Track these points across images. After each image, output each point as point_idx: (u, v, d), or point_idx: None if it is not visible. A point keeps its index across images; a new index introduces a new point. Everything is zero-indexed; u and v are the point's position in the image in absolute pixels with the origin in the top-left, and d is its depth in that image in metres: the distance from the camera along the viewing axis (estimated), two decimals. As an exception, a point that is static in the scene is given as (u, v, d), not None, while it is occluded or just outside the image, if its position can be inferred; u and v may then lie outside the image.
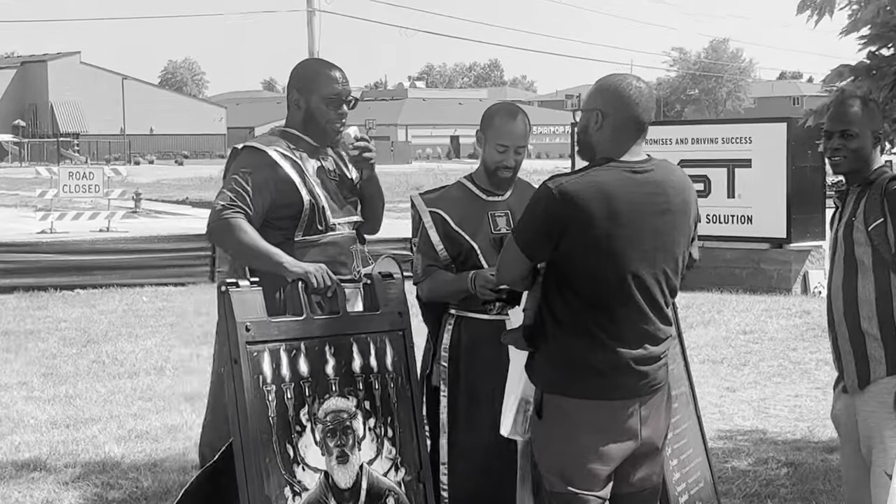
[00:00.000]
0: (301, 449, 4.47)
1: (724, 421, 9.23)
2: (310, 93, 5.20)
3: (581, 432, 4.26)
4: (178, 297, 17.08)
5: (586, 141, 4.37)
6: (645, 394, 4.33)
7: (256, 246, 4.92)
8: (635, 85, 4.33)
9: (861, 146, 4.94)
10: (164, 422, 9.14)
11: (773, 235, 18.08)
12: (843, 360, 4.99)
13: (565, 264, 4.23)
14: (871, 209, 4.86)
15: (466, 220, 5.28)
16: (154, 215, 34.91)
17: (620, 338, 4.25)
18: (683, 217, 4.36)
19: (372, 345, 4.77)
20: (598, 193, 4.17)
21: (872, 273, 4.85)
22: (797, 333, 13.43)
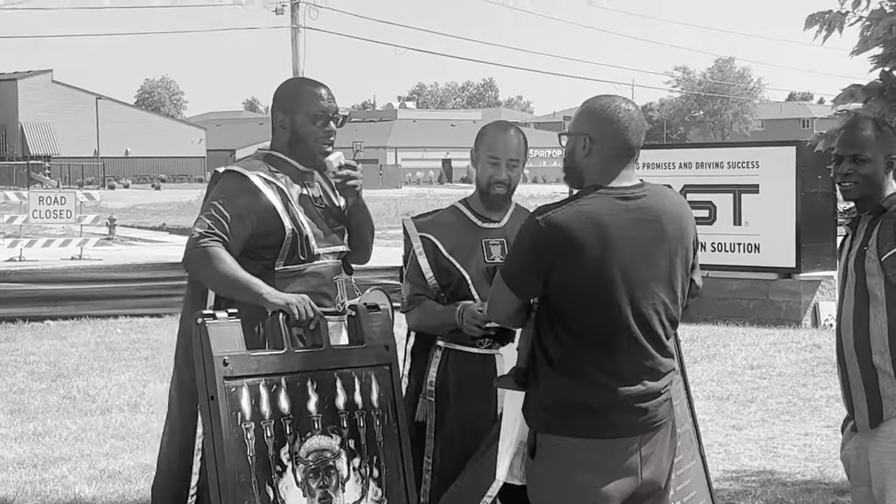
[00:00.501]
0: (281, 490, 4.46)
1: (729, 461, 9.22)
2: (294, 112, 5.19)
3: (577, 472, 4.25)
4: (154, 328, 17.03)
5: (574, 167, 4.37)
6: (645, 431, 4.31)
7: (235, 276, 4.90)
8: (623, 107, 4.32)
9: (873, 172, 4.94)
10: (137, 461, 9.10)
11: (781, 265, 18.09)
12: (853, 397, 4.99)
13: (557, 299, 4.22)
14: (884, 238, 4.85)
15: (459, 247, 5.28)
16: (129, 242, 34.89)
17: (618, 375, 4.24)
18: (680, 244, 4.35)
19: (357, 380, 4.76)
20: (587, 223, 4.17)
21: (885, 305, 4.85)
22: (807, 368, 13.42)
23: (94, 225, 32.49)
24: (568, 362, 4.23)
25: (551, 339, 4.25)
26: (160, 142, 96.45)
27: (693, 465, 5.88)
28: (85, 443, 9.79)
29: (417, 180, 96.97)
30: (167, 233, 40.56)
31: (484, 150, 5.32)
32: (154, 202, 57.64)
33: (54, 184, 68.08)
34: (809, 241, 17.84)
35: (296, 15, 47.83)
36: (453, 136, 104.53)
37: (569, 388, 4.23)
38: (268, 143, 5.39)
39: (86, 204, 31.19)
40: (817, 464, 9.11)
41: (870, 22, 6.91)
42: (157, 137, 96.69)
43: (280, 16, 49.20)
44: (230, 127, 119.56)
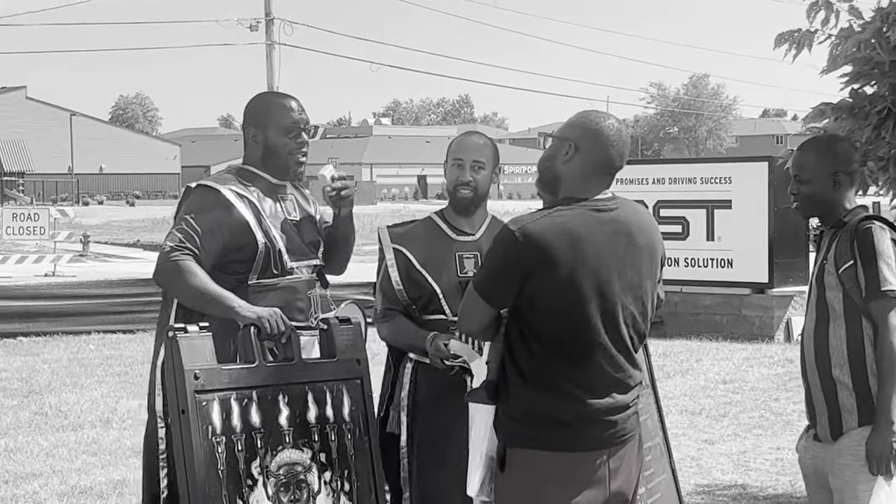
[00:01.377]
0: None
1: (702, 475, 9.25)
2: (266, 126, 5.21)
3: (547, 485, 4.26)
4: (127, 344, 16.99)
5: (551, 170, 4.36)
6: (614, 444, 4.33)
7: (207, 289, 4.90)
8: (615, 126, 4.35)
9: (813, 192, 5.03)
10: (109, 477, 9.08)
11: (754, 280, 18.16)
12: (815, 409, 5.04)
13: (529, 311, 4.23)
14: (841, 252, 4.91)
15: (432, 260, 5.29)
16: (103, 259, 34.77)
17: (588, 387, 4.26)
18: (649, 258, 4.38)
19: (328, 393, 4.77)
20: (562, 234, 4.18)
21: (843, 319, 4.90)
22: (779, 383, 13.47)
23: (67, 241, 32.40)
24: (540, 375, 4.23)
25: (523, 351, 4.26)
26: (135, 158, 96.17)
27: (664, 479, 5.91)
28: (57, 459, 9.76)
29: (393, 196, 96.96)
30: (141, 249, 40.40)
31: (450, 154, 5.36)
32: (128, 218, 57.48)
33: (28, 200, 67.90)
34: (782, 257, 17.92)
35: (271, 31, 47.80)
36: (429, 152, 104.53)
37: (540, 401, 4.24)
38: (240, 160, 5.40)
39: (60, 220, 31.13)
40: (789, 478, 9.14)
41: (838, 40, 6.96)
42: (131, 154, 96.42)
43: (255, 32, 49.19)
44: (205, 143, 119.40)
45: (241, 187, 5.13)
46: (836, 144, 5.14)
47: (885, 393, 4.79)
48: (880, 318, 4.82)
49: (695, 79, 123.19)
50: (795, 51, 7.11)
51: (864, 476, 4.83)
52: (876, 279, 4.82)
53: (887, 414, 4.78)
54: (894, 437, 4.78)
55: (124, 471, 9.30)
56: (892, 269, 4.82)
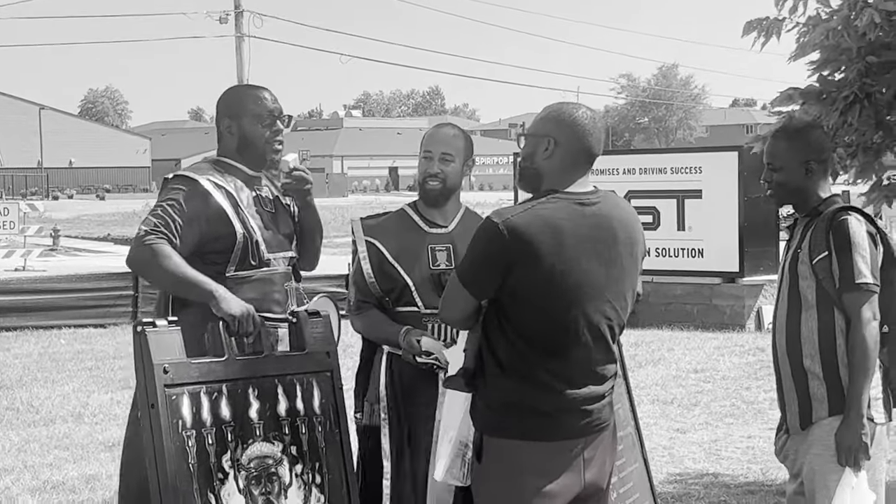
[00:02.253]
0: (224, 498, 4.46)
1: (673, 464, 9.27)
2: (240, 116, 5.18)
3: (524, 475, 4.27)
4: (99, 339, 16.94)
5: (532, 168, 4.38)
6: (589, 434, 4.35)
7: (185, 273, 4.84)
8: (589, 115, 4.37)
9: (786, 180, 5.03)
10: (81, 472, 9.05)
11: (725, 269, 18.21)
12: (786, 398, 5.05)
13: (510, 302, 4.24)
14: (816, 242, 4.91)
15: (404, 253, 5.28)
16: (73, 253, 34.63)
17: (565, 378, 4.27)
18: (632, 251, 4.39)
19: (298, 386, 4.76)
20: (545, 227, 4.19)
21: (816, 309, 4.91)
22: (750, 372, 13.52)
23: (37, 236, 32.24)
24: (518, 365, 4.25)
25: (502, 341, 4.27)
26: (104, 152, 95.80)
27: (636, 468, 5.93)
28: (28, 454, 9.72)
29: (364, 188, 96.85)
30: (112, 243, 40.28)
31: (421, 147, 5.36)
32: (99, 212, 57.26)
33: (-3, 195, 67.57)
34: (752, 246, 17.98)
35: (240, 24, 47.68)
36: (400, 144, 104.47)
37: (517, 391, 4.25)
38: (214, 153, 5.36)
39: (29, 215, 30.97)
40: (760, 466, 9.18)
41: (806, 28, 6.98)
42: (101, 147, 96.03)
43: (224, 24, 49.09)
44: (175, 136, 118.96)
45: (218, 177, 5.11)
46: (809, 132, 5.13)
47: (856, 385, 4.80)
48: (853, 310, 4.82)
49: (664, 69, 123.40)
50: (764, 39, 7.13)
51: (833, 465, 4.85)
52: (850, 271, 4.81)
53: (857, 406, 4.79)
54: (864, 430, 4.79)
55: (96, 465, 9.26)
56: (867, 262, 4.83)
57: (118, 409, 11.51)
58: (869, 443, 4.82)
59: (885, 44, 6.64)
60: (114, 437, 10.19)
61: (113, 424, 10.79)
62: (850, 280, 4.82)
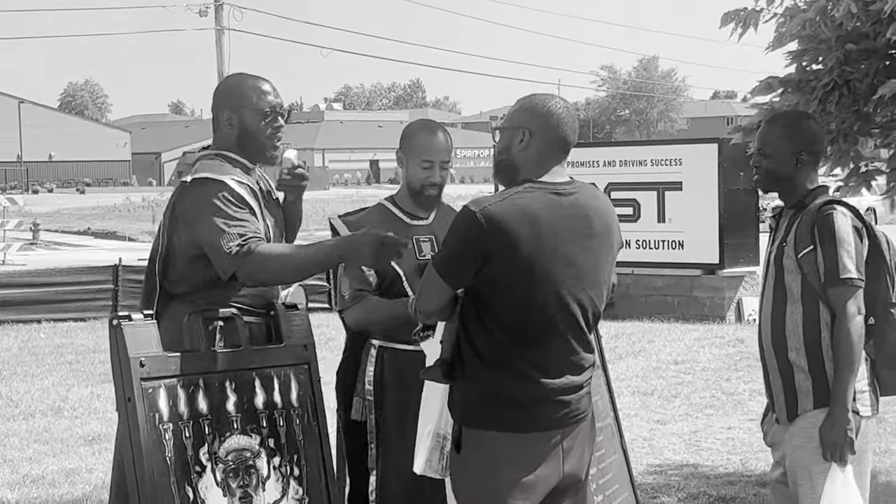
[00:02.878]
0: (201, 490, 4.45)
1: (653, 455, 9.29)
2: (242, 109, 5.05)
3: (502, 466, 4.27)
4: (79, 333, 16.91)
5: (508, 161, 4.39)
6: (567, 424, 4.35)
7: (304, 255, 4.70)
8: (561, 104, 4.38)
9: (775, 167, 5.02)
10: (61, 466, 9.04)
11: (705, 261, 18.26)
12: (773, 390, 5.05)
13: (487, 291, 4.24)
14: (801, 236, 4.90)
15: None
16: (53, 247, 34.58)
17: (543, 368, 4.27)
18: (607, 241, 4.40)
19: (276, 379, 4.76)
20: (523, 217, 4.20)
21: (801, 302, 4.90)
22: (730, 363, 13.56)
23: (17, 230, 32.15)
24: (496, 355, 4.25)
25: (480, 332, 4.27)
26: (84, 145, 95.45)
27: (615, 459, 5.94)
28: (7, 448, 9.70)
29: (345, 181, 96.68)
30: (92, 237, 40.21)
31: (415, 154, 5.34)
32: (79, 206, 57.06)
33: (-23, 189, 67.33)
34: (732, 238, 18.03)
35: (220, 16, 47.51)
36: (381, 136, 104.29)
37: (496, 382, 4.25)
38: (196, 146, 5.30)
39: (9, 209, 30.89)
40: (740, 456, 9.20)
41: (784, 18, 6.98)
42: (81, 141, 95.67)
43: (204, 17, 48.95)
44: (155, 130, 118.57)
45: (240, 174, 4.94)
46: (804, 122, 5.12)
47: (841, 380, 4.79)
48: (838, 305, 4.82)
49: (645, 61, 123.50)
50: (741, 30, 7.13)
51: (817, 457, 4.85)
52: (835, 266, 4.81)
53: (842, 401, 4.79)
54: (849, 425, 4.79)
55: (76, 459, 9.25)
56: (852, 257, 4.82)
57: (98, 403, 11.49)
58: (854, 436, 4.82)
59: (863, 33, 6.65)
60: (93, 430, 10.18)
61: (93, 418, 10.77)
62: (835, 275, 4.81)
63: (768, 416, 5.20)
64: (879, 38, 6.55)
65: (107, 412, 10.99)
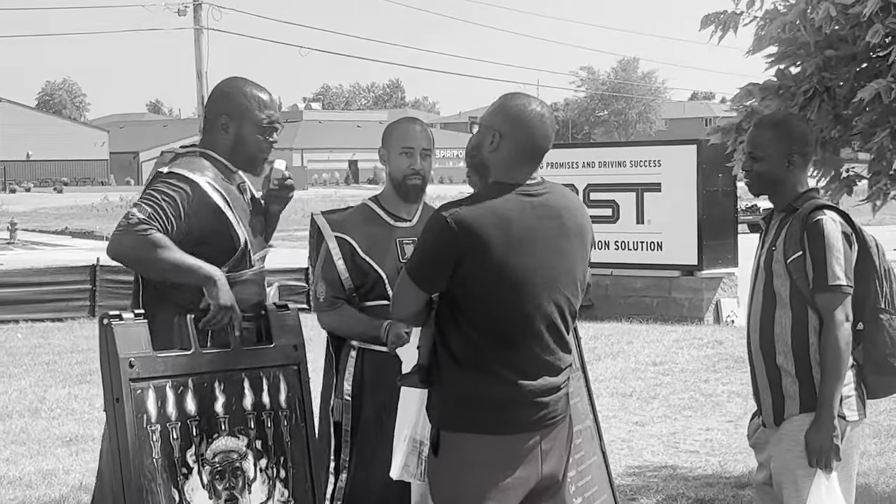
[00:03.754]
0: (187, 493, 4.44)
1: (632, 457, 9.31)
2: (241, 118, 5.01)
3: (479, 468, 4.27)
4: (56, 333, 16.86)
5: (478, 158, 4.39)
6: (545, 426, 4.35)
7: (184, 260, 4.68)
8: (538, 111, 4.35)
9: (765, 170, 5.01)
10: (38, 467, 9.01)
11: (684, 262, 18.32)
12: (760, 393, 5.05)
13: (462, 295, 4.24)
14: (790, 241, 4.89)
15: (374, 246, 5.28)
16: (31, 246, 34.47)
17: (520, 370, 4.27)
18: (580, 241, 4.41)
19: (265, 380, 4.74)
20: (494, 219, 4.20)
21: (790, 307, 4.89)
22: (709, 364, 13.59)
23: (-6, 229, 32.07)
24: (472, 358, 4.24)
25: (456, 335, 4.27)
26: (62, 145, 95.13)
27: (594, 461, 5.95)
28: (-15, 449, 9.67)
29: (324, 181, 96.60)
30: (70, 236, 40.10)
31: (396, 143, 5.33)
32: (56, 205, 56.90)
33: (-47, 188, 67.02)
34: (711, 239, 18.08)
35: (199, 16, 47.39)
36: (359, 136, 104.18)
37: (472, 384, 4.25)
38: (174, 145, 5.27)
39: (-14, 208, 30.74)
40: (718, 458, 9.23)
41: (764, 22, 7.00)
42: (58, 140, 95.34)
43: (183, 17, 48.83)
44: (133, 129, 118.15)
45: (214, 177, 4.93)
46: (794, 124, 5.10)
47: (828, 386, 4.79)
48: (826, 311, 4.81)
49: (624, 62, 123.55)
50: (721, 32, 7.16)
51: (802, 461, 4.85)
52: (824, 273, 4.80)
53: (828, 407, 4.79)
54: (835, 432, 4.80)
55: (53, 461, 9.22)
56: (841, 264, 4.80)
57: (75, 404, 11.46)
58: (840, 443, 4.83)
59: (841, 37, 6.67)
60: (71, 432, 10.15)
61: (70, 419, 10.74)
62: (824, 281, 4.80)
63: (755, 418, 5.20)
64: (858, 42, 6.57)
65: (84, 413, 10.97)
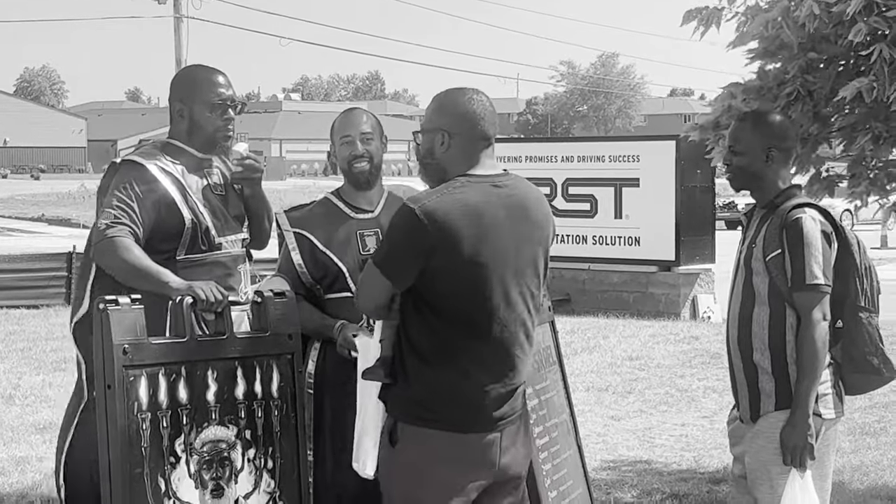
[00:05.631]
0: (174, 482, 4.40)
1: (607, 451, 9.31)
2: (192, 101, 5.14)
3: (437, 464, 4.24)
4: (31, 320, 16.80)
5: (433, 164, 4.35)
6: (504, 424, 4.32)
7: (141, 265, 4.80)
8: (477, 99, 4.35)
9: (746, 164, 5.01)
10: (11, 454, 8.97)
11: (661, 258, 18.33)
12: (738, 389, 5.05)
13: (429, 287, 4.20)
14: (770, 239, 4.89)
15: (334, 240, 5.25)
16: (7, 233, 34.35)
17: (486, 365, 4.25)
18: (545, 231, 4.40)
19: (258, 369, 4.69)
20: (463, 210, 4.17)
21: (768, 304, 4.89)
22: (685, 360, 13.60)
23: (-30, 215, 31.95)
24: (437, 352, 4.22)
25: (422, 329, 4.23)
26: (40, 131, 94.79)
27: (570, 455, 5.94)
28: (-42, 436, 9.62)
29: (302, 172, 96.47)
30: (46, 223, 39.98)
31: (336, 135, 5.33)
32: (33, 192, 56.67)
33: (-70, 173, 66.72)
34: (688, 235, 18.11)
35: (178, 4, 47.24)
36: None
37: (438, 380, 4.22)
38: (152, 134, 5.32)
39: (-38, 194, 30.61)
40: (693, 453, 9.23)
41: (746, 18, 6.99)
42: (36, 127, 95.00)
43: (163, 5, 48.66)
44: (112, 117, 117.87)
45: (166, 163, 5.06)
46: (774, 119, 5.11)
47: (803, 385, 4.79)
48: (804, 310, 4.81)
49: (604, 57, 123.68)
50: (703, 28, 7.13)
51: (776, 458, 4.85)
52: (802, 271, 4.80)
53: (804, 406, 4.79)
54: (809, 431, 4.80)
55: (26, 448, 9.18)
56: (819, 263, 4.80)
57: (50, 391, 11.41)
58: (814, 441, 4.83)
59: (824, 36, 6.66)
60: (45, 419, 10.10)
61: (44, 406, 10.69)
62: (802, 280, 4.80)
63: (734, 410, 5.20)
64: (841, 41, 6.56)
65: (59, 400, 10.90)
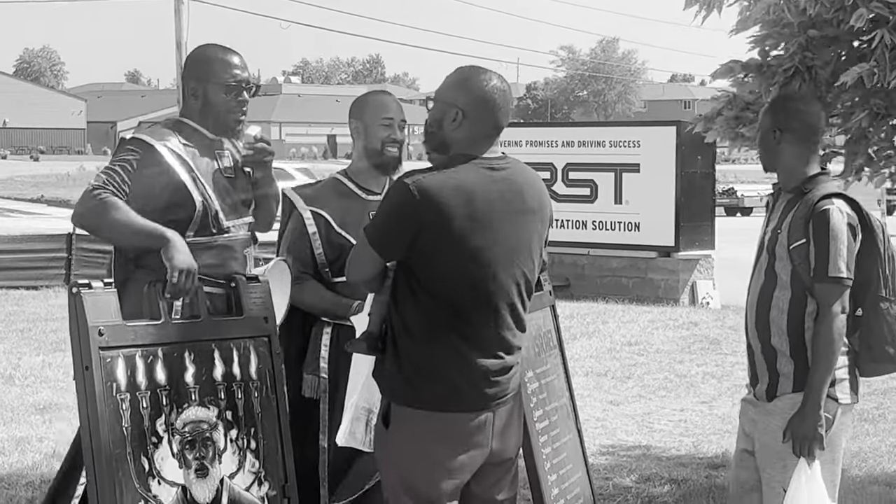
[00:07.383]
0: (157, 461, 4.43)
1: (606, 436, 9.33)
2: (207, 81, 5.08)
3: (430, 444, 4.26)
4: (31, 301, 16.81)
5: (439, 135, 4.35)
6: (497, 404, 4.34)
7: (136, 222, 4.72)
8: (498, 87, 4.35)
9: (760, 142, 5.07)
10: (11, 434, 8.98)
11: (660, 244, 18.33)
12: (757, 371, 5.05)
13: (420, 265, 4.21)
14: (795, 227, 4.87)
15: (348, 220, 5.27)
16: (6, 214, 34.34)
17: (477, 345, 4.25)
18: (540, 217, 4.40)
19: (235, 351, 4.73)
20: (457, 191, 4.18)
21: (790, 289, 4.88)
22: (684, 346, 13.62)
23: (-31, 196, 31.94)
24: (428, 330, 4.23)
25: (412, 306, 4.24)
26: (39, 112, 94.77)
27: (570, 439, 5.95)
28: (-43, 416, 9.64)
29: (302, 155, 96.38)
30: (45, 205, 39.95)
31: (373, 115, 5.33)
32: (32, 174, 56.68)
33: (-71, 154, 66.67)
34: (688, 221, 18.11)
35: (179, -14, 47.15)
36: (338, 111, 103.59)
37: (428, 359, 4.23)
38: (151, 116, 5.29)
39: (-39, 174, 30.61)
40: (692, 438, 9.25)
41: (748, 3, 6.98)
42: (36, 108, 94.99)
43: (163, -13, 48.54)
44: (111, 98, 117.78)
45: (177, 144, 4.99)
46: (786, 101, 5.14)
47: (816, 376, 4.79)
48: (824, 302, 4.80)
49: (604, 42, 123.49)
50: (705, 12, 7.12)
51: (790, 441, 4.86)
52: (825, 263, 4.78)
53: (815, 397, 4.78)
54: (820, 421, 4.80)
55: (26, 428, 9.19)
56: (843, 256, 4.78)
57: (49, 372, 11.43)
58: (825, 430, 4.83)
59: (826, 20, 6.65)
60: (44, 399, 10.12)
61: (44, 387, 10.70)
62: (824, 272, 4.79)
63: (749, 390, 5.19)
64: (842, 26, 6.56)
65: (58, 381, 10.93)
